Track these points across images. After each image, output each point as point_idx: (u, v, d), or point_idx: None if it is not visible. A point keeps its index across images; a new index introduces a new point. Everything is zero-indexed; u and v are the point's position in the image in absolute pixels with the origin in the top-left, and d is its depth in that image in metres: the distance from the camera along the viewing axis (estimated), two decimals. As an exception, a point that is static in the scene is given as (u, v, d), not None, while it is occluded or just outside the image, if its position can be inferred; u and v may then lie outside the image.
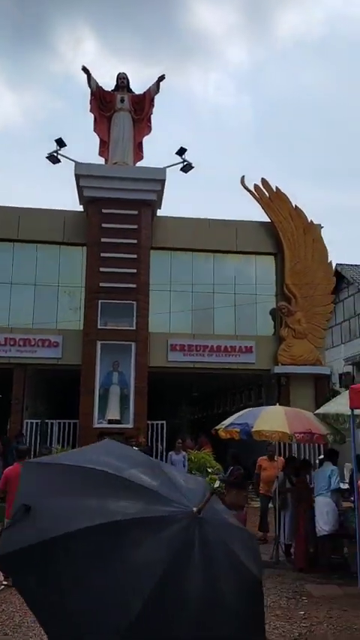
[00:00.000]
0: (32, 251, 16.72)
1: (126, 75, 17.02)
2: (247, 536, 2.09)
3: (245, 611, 1.80)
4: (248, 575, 1.85)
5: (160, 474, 2.26)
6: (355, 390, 7.78)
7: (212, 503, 2.12)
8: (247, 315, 17.08)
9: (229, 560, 1.84)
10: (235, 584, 1.82)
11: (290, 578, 7.88)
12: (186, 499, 2.02)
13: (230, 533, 1.99)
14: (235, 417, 9.06)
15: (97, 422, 14.54)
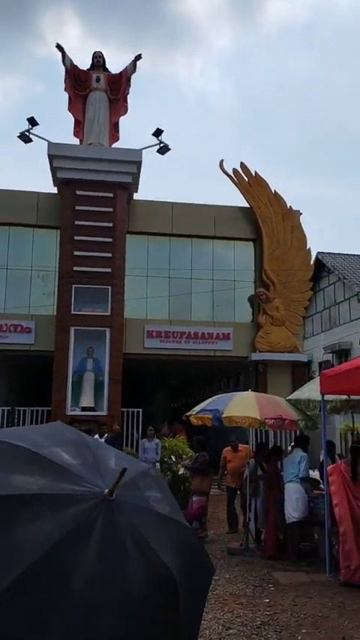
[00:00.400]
0: (4, 233, 16.28)
1: (102, 54, 16.57)
2: (179, 528, 1.85)
3: (149, 602, 1.58)
4: (159, 566, 1.62)
5: (86, 454, 2.05)
6: (325, 375, 7.61)
7: (145, 489, 1.92)
8: (225, 301, 16.88)
9: (138, 547, 1.62)
10: (142, 573, 1.60)
11: (259, 566, 7.74)
12: (104, 480, 1.82)
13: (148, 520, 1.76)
14: (206, 403, 8.87)
15: (70, 409, 14.25)
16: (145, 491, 1.93)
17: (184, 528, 1.90)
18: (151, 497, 1.90)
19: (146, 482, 1.98)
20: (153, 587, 1.61)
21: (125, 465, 2.06)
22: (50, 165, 15.38)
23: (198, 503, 9.00)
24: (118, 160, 15.28)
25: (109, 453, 2.15)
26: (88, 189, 15.23)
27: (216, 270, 16.95)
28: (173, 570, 1.66)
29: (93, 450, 2.13)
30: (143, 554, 1.64)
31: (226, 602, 6.14)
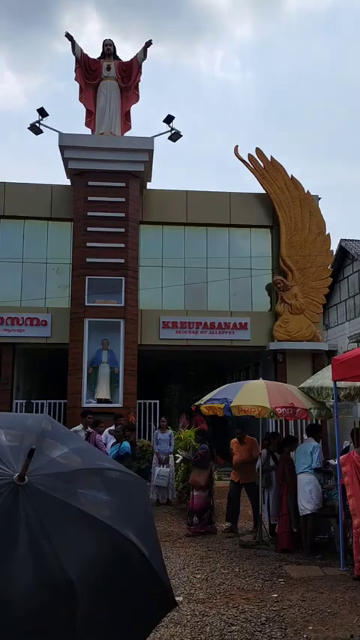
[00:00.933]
0: (19, 227, 16.24)
1: (112, 41, 16.31)
2: (109, 537, 1.58)
3: (29, 610, 1.34)
4: (54, 570, 1.38)
5: (27, 440, 1.84)
6: (337, 361, 7.30)
7: (86, 486, 1.68)
8: (241, 290, 16.53)
9: (32, 542, 1.39)
10: (27, 573, 1.35)
11: (271, 560, 7.50)
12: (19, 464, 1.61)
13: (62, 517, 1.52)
14: (215, 392, 8.64)
15: (85, 401, 14.14)
16: (84, 488, 1.67)
17: (121, 540, 1.62)
18: (89, 496, 1.64)
19: (93, 480, 1.72)
20: (39, 592, 1.37)
21: (45, 449, 1.84)
22: (62, 157, 15.25)
23: (198, 498, 8.78)
24: (130, 148, 15.03)
25: (63, 445, 1.92)
26: (100, 179, 15.05)
27: (232, 259, 16.62)
28: (74, 579, 1.41)
29: (42, 438, 1.92)
30: (36, 552, 1.40)
31: (232, 597, 5.92)
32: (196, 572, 6.81)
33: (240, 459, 9.02)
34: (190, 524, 8.81)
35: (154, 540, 1.80)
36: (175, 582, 6.37)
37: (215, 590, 6.16)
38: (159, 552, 1.79)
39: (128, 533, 1.62)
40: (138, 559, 1.62)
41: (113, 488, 1.74)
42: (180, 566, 7.08)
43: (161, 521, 9.85)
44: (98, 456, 1.89)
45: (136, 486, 1.90)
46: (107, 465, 1.82)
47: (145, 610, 1.68)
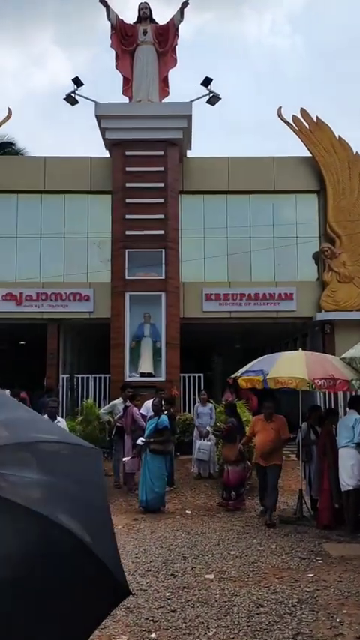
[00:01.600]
0: (60, 201, 16.18)
1: (148, 5, 15.72)
2: (32, 524, 1.31)
3: None
4: None
5: None
6: (380, 327, 6.76)
7: (10, 463, 1.41)
8: (287, 259, 15.92)
9: None
10: None
11: (311, 536, 7.20)
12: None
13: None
14: (251, 364, 8.29)
15: (128, 375, 14.09)
16: (6, 467, 1.39)
17: (49, 527, 1.34)
18: (11, 477, 1.37)
19: (21, 456, 1.43)
20: None
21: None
22: (99, 127, 14.97)
23: (234, 473, 8.55)
24: (167, 115, 14.56)
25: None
26: (137, 148, 14.70)
27: (277, 227, 15.98)
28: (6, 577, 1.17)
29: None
30: None
31: (265, 576, 5.66)
32: (231, 549, 6.60)
33: (267, 439, 7.88)
34: (226, 498, 8.60)
35: (103, 521, 1.53)
36: (208, 559, 6.20)
37: (248, 568, 5.93)
38: (107, 535, 1.52)
39: (60, 517, 1.35)
40: (73, 547, 1.36)
41: (48, 463, 1.47)
42: (215, 541, 6.90)
43: (201, 495, 9.71)
44: (36, 427, 1.62)
45: (85, 458, 1.62)
46: (44, 437, 1.55)
47: (84, 604, 1.43)
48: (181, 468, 11.57)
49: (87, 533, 1.41)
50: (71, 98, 14.88)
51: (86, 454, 1.62)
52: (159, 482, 8.41)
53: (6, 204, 16.21)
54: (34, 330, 16.39)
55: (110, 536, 1.54)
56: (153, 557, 6.22)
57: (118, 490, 10.04)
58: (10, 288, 15.62)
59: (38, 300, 15.58)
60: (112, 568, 1.46)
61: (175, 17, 15.47)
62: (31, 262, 15.92)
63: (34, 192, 16.17)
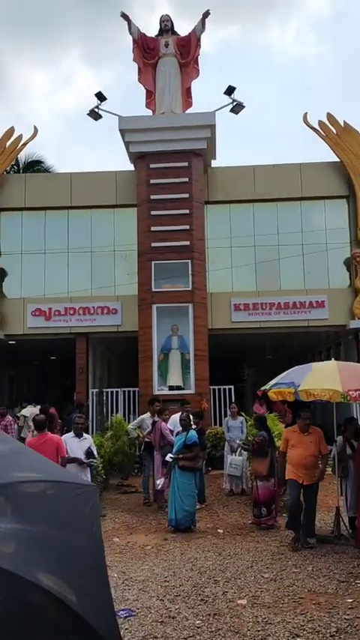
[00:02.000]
0: (86, 216, 16.23)
1: (169, 17, 15.74)
2: None
3: None
4: None
5: None
6: None
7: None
8: (317, 266, 15.56)
9: None
10: None
11: (350, 557, 6.81)
12: None
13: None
14: (281, 376, 7.97)
15: (157, 388, 13.91)
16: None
17: (24, 588, 1.13)
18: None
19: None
20: None
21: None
22: (123, 141, 14.97)
23: (263, 488, 8.21)
24: (190, 125, 14.48)
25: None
26: (161, 160, 14.64)
27: (305, 234, 15.65)
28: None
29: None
30: None
31: (302, 602, 5.34)
32: (265, 571, 6.28)
33: (306, 453, 7.24)
34: (257, 515, 8.27)
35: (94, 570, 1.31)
36: (241, 582, 5.90)
37: (283, 592, 5.61)
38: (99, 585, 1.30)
39: (36, 574, 1.15)
40: (54, 610, 1.16)
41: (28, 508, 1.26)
42: (248, 563, 6.59)
43: (234, 513, 9.39)
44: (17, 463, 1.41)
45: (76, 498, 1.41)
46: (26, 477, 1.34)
47: None
48: (212, 484, 11.28)
49: (70, 589, 1.20)
50: (94, 113, 14.95)
51: (77, 493, 1.42)
52: (189, 501, 8.15)
53: (34, 221, 16.34)
54: (63, 345, 16.40)
55: (102, 586, 1.34)
56: (183, 581, 5.96)
57: (148, 508, 9.82)
58: (39, 303, 15.68)
59: (66, 315, 15.59)
60: (101, 630, 1.24)
61: (196, 28, 15.44)
62: (59, 277, 15.97)
63: (61, 209, 16.26)
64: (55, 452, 7.33)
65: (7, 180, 16.51)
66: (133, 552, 7.16)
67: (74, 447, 8.01)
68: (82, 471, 7.95)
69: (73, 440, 8.10)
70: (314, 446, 7.31)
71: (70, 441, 8.09)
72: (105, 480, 10.73)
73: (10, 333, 15.64)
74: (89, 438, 8.39)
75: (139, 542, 7.66)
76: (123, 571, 6.34)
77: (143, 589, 5.75)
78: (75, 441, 8.09)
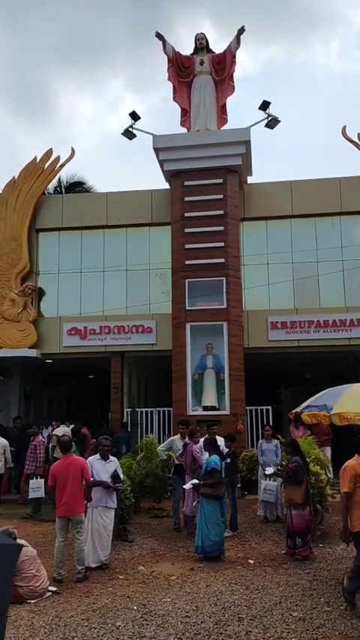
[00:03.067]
0: (122, 235, 16.26)
1: (204, 35, 15.76)
2: None
3: None
4: None
5: None
6: None
7: None
8: (358, 282, 15.01)
9: None
10: None
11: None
12: None
13: None
14: (314, 399, 7.56)
15: (191, 409, 13.61)
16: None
17: None
18: None
19: None
20: None
21: None
22: (157, 160, 14.97)
23: (298, 517, 7.72)
24: (224, 142, 14.35)
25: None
26: (196, 178, 14.54)
27: (345, 249, 15.16)
28: None
29: None
30: None
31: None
32: (294, 609, 5.84)
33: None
34: (291, 546, 7.79)
35: None
36: (267, 621, 5.49)
37: (311, 635, 5.17)
38: None
39: None
40: None
41: None
42: (277, 599, 6.15)
43: (267, 542, 8.93)
44: None
45: None
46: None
47: None
48: (247, 510, 10.84)
49: None
50: (129, 132, 15.02)
51: None
52: (215, 530, 7.77)
53: (71, 240, 16.50)
54: (99, 364, 16.37)
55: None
56: (205, 617, 5.60)
57: (177, 534, 9.47)
58: (75, 322, 15.73)
59: (102, 334, 15.57)
60: None
61: (231, 44, 15.38)
62: (95, 296, 16.02)
63: (97, 228, 16.35)
64: (80, 475, 7.16)
65: (46, 201, 16.77)
66: (156, 583, 6.84)
67: (100, 469, 7.80)
68: (108, 495, 7.73)
69: (99, 462, 7.90)
70: None
71: (95, 464, 7.89)
72: (135, 504, 10.44)
73: (47, 352, 15.72)
74: (115, 461, 8.16)
75: (164, 571, 7.33)
76: (144, 603, 6.03)
77: (162, 625, 5.42)
78: (101, 463, 7.88)
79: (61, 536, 7.08)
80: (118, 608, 5.91)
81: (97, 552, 7.50)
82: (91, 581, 6.91)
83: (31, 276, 16.08)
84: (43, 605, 6.10)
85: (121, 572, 7.34)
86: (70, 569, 7.18)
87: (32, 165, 16.32)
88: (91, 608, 5.93)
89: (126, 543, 8.74)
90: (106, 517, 7.66)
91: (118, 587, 6.66)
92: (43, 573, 6.46)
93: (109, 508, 7.73)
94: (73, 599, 6.26)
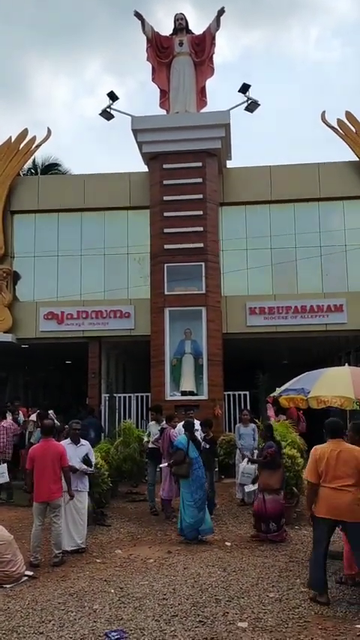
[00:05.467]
0: (99, 218, 16.03)
1: (184, 15, 15.49)
2: None
3: None
4: None
5: None
6: None
7: None
8: (335, 269, 15.10)
9: None
10: None
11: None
12: None
13: None
14: (291, 382, 7.60)
15: (169, 394, 13.59)
16: None
17: None
18: None
19: None
20: None
21: None
22: (135, 141, 14.75)
23: (274, 502, 7.74)
24: (204, 125, 14.18)
25: None
26: (175, 161, 14.37)
27: (324, 235, 15.20)
28: None
29: None
30: None
31: (307, 626, 4.95)
32: (270, 590, 5.89)
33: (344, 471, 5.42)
34: (264, 530, 7.80)
35: None
36: (244, 602, 5.52)
37: (288, 614, 5.21)
38: None
39: None
40: None
41: None
42: (253, 580, 6.19)
43: (244, 524, 8.98)
44: None
45: None
46: None
47: None
48: (224, 493, 10.91)
49: None
50: (107, 113, 14.76)
51: None
52: (188, 511, 7.79)
53: (47, 223, 16.19)
54: (76, 349, 16.20)
55: None
56: (182, 599, 5.61)
57: (155, 517, 9.48)
58: (52, 307, 15.51)
59: (79, 319, 15.39)
60: None
61: (211, 26, 15.17)
62: (72, 280, 15.79)
63: (75, 211, 16.09)
64: (59, 460, 7.09)
65: (21, 183, 16.42)
66: (134, 566, 6.83)
67: (71, 454, 7.73)
68: (79, 479, 7.67)
69: (70, 447, 7.83)
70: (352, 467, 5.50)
71: (67, 448, 7.82)
72: (113, 488, 10.42)
73: (23, 336, 15.50)
74: (87, 445, 8.10)
75: (141, 554, 7.32)
76: (121, 587, 6.02)
77: (139, 607, 5.42)
78: (72, 447, 7.82)
79: (39, 521, 7.02)
80: (95, 591, 5.88)
81: (73, 536, 7.47)
82: (68, 565, 6.88)
83: (5, 260, 15.77)
84: (20, 589, 6.05)
85: (99, 555, 7.32)
86: (46, 553, 7.12)
87: (7, 145, 15.93)
88: (68, 591, 5.90)
89: (103, 527, 8.72)
90: (78, 501, 7.61)
91: (95, 571, 6.64)
92: (19, 558, 6.40)
93: (81, 491, 7.69)
94: (49, 584, 6.21)
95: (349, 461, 5.39)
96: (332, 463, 5.42)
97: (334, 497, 5.37)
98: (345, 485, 5.34)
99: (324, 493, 5.45)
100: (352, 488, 5.34)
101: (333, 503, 5.38)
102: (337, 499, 5.36)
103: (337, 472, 5.39)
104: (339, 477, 5.37)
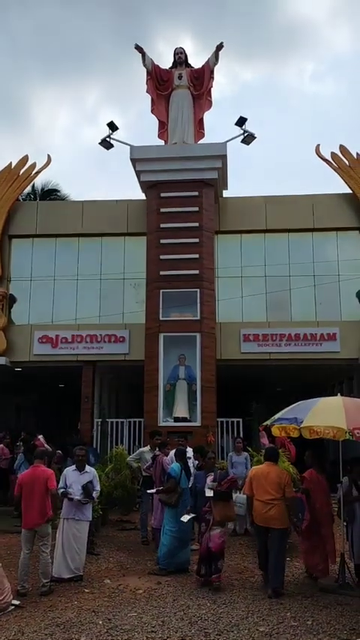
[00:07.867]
0: (97, 244, 16.19)
1: (183, 49, 15.92)
2: None
3: None
4: None
5: None
6: None
7: None
8: (329, 298, 15.24)
9: None
10: None
11: (354, 610, 6.31)
12: None
13: None
14: (284, 411, 7.61)
15: (162, 420, 13.55)
16: None
17: None
18: None
19: None
20: None
21: None
22: (134, 170, 15.00)
23: (221, 536, 7.13)
24: (201, 156, 14.45)
25: None
26: (172, 190, 14.61)
27: (317, 265, 15.40)
28: None
29: None
30: None
31: (297, 662, 4.88)
32: (260, 624, 5.83)
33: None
34: (214, 570, 7.04)
35: None
36: (234, 636, 5.46)
37: (277, 650, 5.16)
38: None
39: None
40: None
41: None
42: (243, 614, 6.13)
43: (235, 555, 8.92)
44: None
45: None
46: None
47: None
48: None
49: None
50: (106, 142, 15.02)
51: None
52: (164, 538, 7.71)
53: (45, 248, 16.34)
54: (70, 373, 16.18)
55: None
56: (171, 632, 5.54)
57: (145, 547, 9.38)
58: (47, 330, 15.55)
59: (73, 342, 15.41)
60: None
61: (210, 60, 15.57)
62: (68, 305, 15.87)
63: (72, 236, 16.26)
64: (45, 485, 7.04)
65: (20, 208, 16.61)
66: (123, 597, 6.75)
67: (74, 480, 7.69)
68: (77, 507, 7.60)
69: (74, 473, 7.78)
70: None
71: (70, 475, 7.77)
72: (103, 516, 10.31)
73: (17, 359, 15.48)
74: (92, 472, 7.99)
75: (130, 585, 7.24)
76: (109, 618, 5.94)
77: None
78: (76, 474, 7.77)
79: (27, 548, 6.95)
80: (83, 622, 5.80)
81: (68, 563, 7.40)
82: (56, 595, 6.79)
83: (2, 283, 15.86)
84: (6, 619, 5.96)
85: (87, 585, 7.23)
86: (34, 582, 7.03)
87: (7, 170, 16.16)
88: (55, 622, 5.82)
89: (92, 556, 8.61)
90: (76, 529, 7.54)
91: (83, 601, 6.55)
92: (6, 586, 6.32)
93: (81, 520, 7.61)
94: (37, 613, 6.13)
95: (274, 480, 6.96)
96: (262, 482, 6.99)
97: (263, 508, 6.93)
98: (271, 499, 6.89)
99: (257, 505, 7.00)
100: (277, 501, 6.88)
101: (262, 513, 6.94)
102: (266, 510, 6.90)
103: (266, 488, 6.94)
104: (267, 492, 6.93)
